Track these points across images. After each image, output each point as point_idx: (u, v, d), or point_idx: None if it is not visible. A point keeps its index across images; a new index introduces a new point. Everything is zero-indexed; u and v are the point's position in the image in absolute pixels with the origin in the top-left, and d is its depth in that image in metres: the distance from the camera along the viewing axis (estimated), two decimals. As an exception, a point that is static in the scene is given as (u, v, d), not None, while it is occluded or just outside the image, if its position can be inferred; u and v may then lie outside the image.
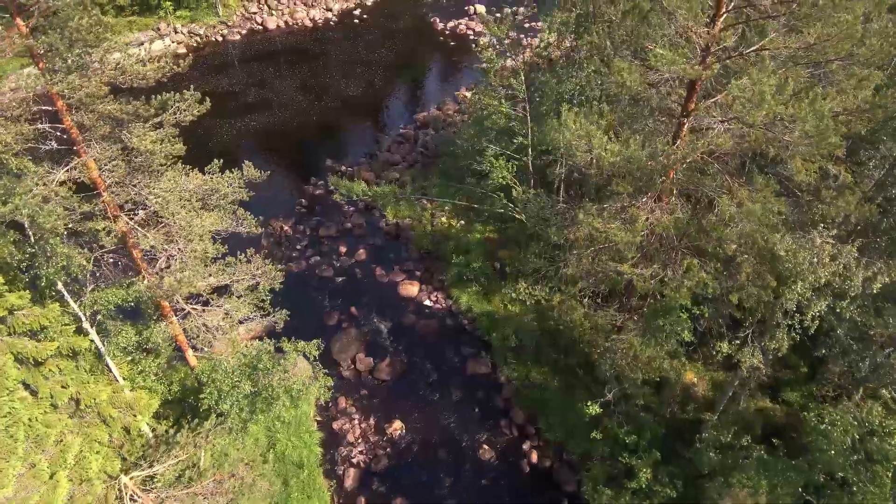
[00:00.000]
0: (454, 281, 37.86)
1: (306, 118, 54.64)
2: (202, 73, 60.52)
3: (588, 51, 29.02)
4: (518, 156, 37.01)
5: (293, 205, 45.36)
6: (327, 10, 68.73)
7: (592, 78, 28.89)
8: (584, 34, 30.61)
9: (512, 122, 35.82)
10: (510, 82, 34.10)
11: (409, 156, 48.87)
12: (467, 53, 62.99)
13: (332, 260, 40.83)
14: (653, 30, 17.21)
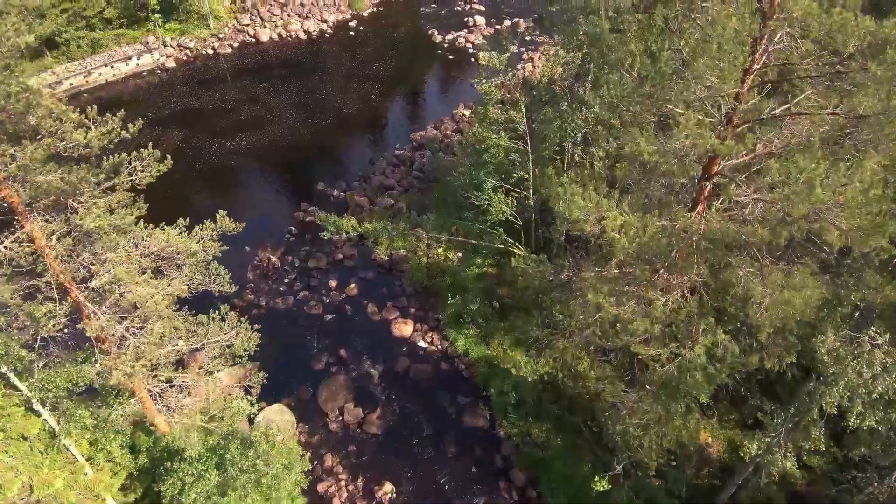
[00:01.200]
0: (451, 320, 35.30)
1: (299, 137, 52.02)
2: (192, 89, 57.92)
3: (597, 102, 26.54)
4: (518, 190, 34.47)
5: (282, 233, 42.81)
6: (322, 22, 66.03)
7: (602, 135, 26.21)
8: (589, 73, 28.07)
9: (512, 154, 33.25)
10: (510, 115, 31.49)
11: (404, 179, 46.27)
12: (466, 67, 60.38)
13: (322, 295, 38.26)
14: (674, 93, 14.72)
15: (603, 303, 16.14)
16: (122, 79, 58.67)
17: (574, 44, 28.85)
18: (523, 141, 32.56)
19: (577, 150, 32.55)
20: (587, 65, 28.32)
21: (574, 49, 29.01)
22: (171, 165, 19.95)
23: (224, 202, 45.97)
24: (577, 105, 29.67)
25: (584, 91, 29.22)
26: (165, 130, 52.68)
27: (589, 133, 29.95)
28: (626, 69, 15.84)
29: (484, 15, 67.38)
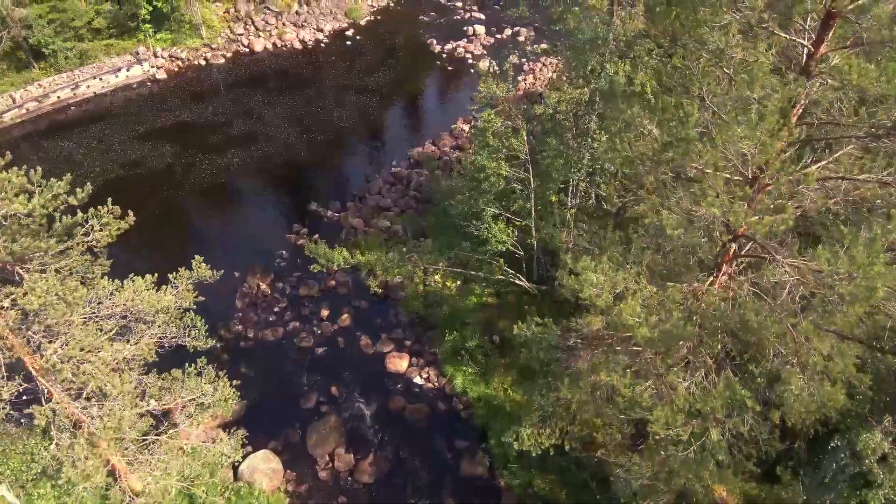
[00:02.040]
0: (448, 355, 33.27)
1: (293, 153, 49.90)
2: (183, 101, 55.79)
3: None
4: (520, 219, 32.41)
5: (273, 257, 40.73)
6: (318, 31, 63.86)
7: (612, 190, 24.02)
8: (594, 105, 25.90)
9: (513, 182, 31.18)
10: (511, 142, 29.40)
11: (401, 200, 44.17)
12: (465, 79, 58.26)
13: (313, 326, 36.22)
14: (702, 160, 12.67)
15: (617, 385, 14.16)
16: (111, 91, 56.51)
17: (580, 74, 26.69)
18: (525, 169, 30.52)
19: (582, 183, 30.38)
20: (595, 99, 26.17)
21: (580, 81, 26.82)
22: (132, 222, 17.75)
23: (214, 224, 44.11)
24: (582, 140, 27.54)
25: (589, 122, 27.07)
26: (155, 146, 50.58)
27: (596, 171, 27.91)
28: (645, 130, 13.87)
29: (484, 24, 65.20)
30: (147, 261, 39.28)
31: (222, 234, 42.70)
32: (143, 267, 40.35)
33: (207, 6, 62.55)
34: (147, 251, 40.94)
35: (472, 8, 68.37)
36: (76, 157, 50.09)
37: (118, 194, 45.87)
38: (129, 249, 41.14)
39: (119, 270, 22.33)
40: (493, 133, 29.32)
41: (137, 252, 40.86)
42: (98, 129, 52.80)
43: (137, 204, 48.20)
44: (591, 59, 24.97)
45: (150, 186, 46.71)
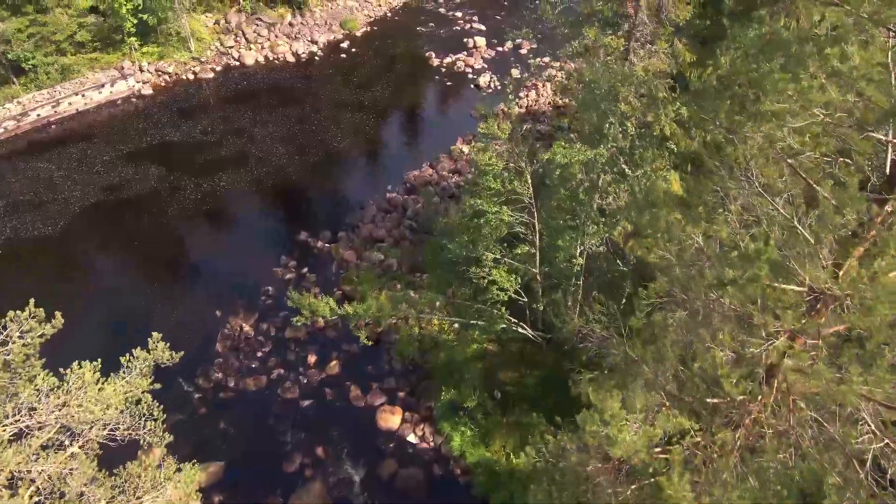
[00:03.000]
0: (445, 411, 30.11)
1: (284, 176, 46.68)
2: (170, 119, 52.57)
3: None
4: (524, 264, 29.13)
5: (258, 293, 37.55)
6: (312, 43, 60.57)
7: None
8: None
9: (515, 226, 27.92)
10: (514, 185, 26.12)
11: (395, 230, 40.93)
12: (464, 95, 55.00)
13: (299, 373, 33.09)
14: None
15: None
16: (94, 108, 53.32)
17: (596, 131, 23.20)
18: (529, 212, 27.25)
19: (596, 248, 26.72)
20: (618, 163, 22.73)
21: (596, 141, 23.26)
22: (61, 325, 14.58)
23: (197, 256, 40.91)
24: (597, 214, 23.89)
25: (606, 181, 23.50)
26: (139, 168, 47.42)
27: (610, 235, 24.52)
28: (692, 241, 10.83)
29: (484, 35, 61.86)
30: (119, 304, 36.27)
31: (206, 268, 39.55)
32: (112, 314, 37.93)
33: (197, 17, 59.35)
34: (123, 289, 37.87)
35: (473, 18, 65.04)
36: (55, 179, 46.95)
37: (96, 223, 43.60)
38: (101, 287, 38.15)
39: (82, 322, 19.12)
40: (494, 176, 26.03)
41: (111, 290, 37.79)
42: (79, 149, 49.65)
43: (116, 233, 45.79)
44: (608, 110, 21.55)
45: (131, 213, 43.59)
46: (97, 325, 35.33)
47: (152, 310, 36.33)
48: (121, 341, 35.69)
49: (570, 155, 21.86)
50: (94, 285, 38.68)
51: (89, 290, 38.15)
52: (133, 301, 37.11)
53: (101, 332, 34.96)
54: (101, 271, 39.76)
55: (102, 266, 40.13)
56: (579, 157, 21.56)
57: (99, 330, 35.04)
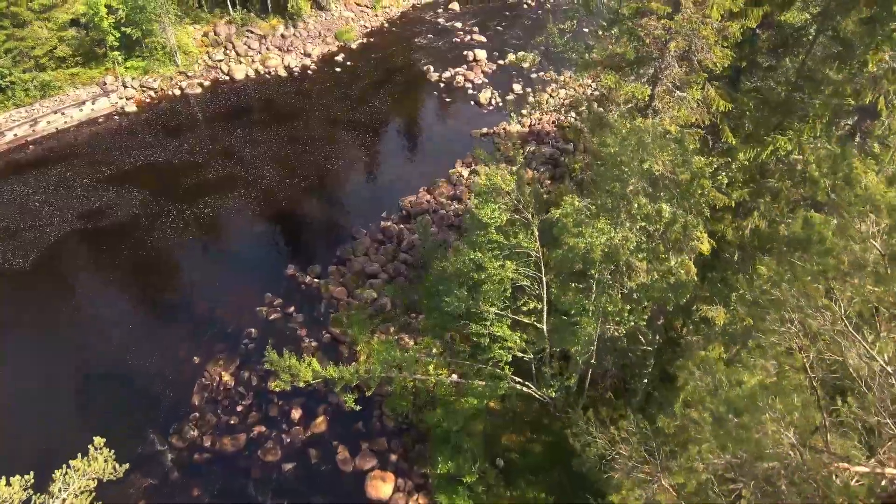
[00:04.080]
0: (442, 482, 26.68)
1: (273, 203, 43.20)
2: (155, 137, 49.10)
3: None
4: (529, 320, 25.59)
5: (240, 336, 34.12)
6: (305, 56, 57.03)
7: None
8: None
9: (522, 282, 24.38)
10: (518, 239, 22.60)
11: (389, 264, 37.44)
12: (464, 113, 51.47)
13: (282, 431, 29.69)
14: None
15: None
16: (74, 126, 49.85)
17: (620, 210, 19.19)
18: (536, 267, 23.73)
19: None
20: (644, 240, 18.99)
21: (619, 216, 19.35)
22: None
23: (176, 292, 37.45)
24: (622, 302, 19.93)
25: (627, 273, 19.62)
26: (121, 192, 43.98)
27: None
28: None
29: (485, 48, 58.26)
30: (89, 350, 32.66)
31: (185, 308, 36.06)
32: (81, 362, 34.17)
33: (185, 29, 55.83)
34: (94, 332, 34.41)
35: (473, 29, 61.40)
36: (32, 204, 43.54)
37: (72, 255, 40.03)
38: (70, 331, 34.68)
39: (45, 374, 15.74)
40: (497, 229, 22.49)
41: (81, 333, 34.33)
42: (59, 170, 46.23)
43: (92, 267, 40.88)
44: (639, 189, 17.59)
45: (109, 244, 40.18)
46: (64, 376, 32.03)
47: (125, 356, 32.99)
48: (86, 401, 32.59)
49: (590, 237, 17.87)
50: (62, 328, 35.20)
51: (57, 334, 34.71)
52: (105, 346, 33.74)
53: (68, 386, 31.69)
54: (73, 311, 36.24)
55: (75, 305, 36.58)
56: (600, 240, 17.59)
57: (65, 383, 31.77)
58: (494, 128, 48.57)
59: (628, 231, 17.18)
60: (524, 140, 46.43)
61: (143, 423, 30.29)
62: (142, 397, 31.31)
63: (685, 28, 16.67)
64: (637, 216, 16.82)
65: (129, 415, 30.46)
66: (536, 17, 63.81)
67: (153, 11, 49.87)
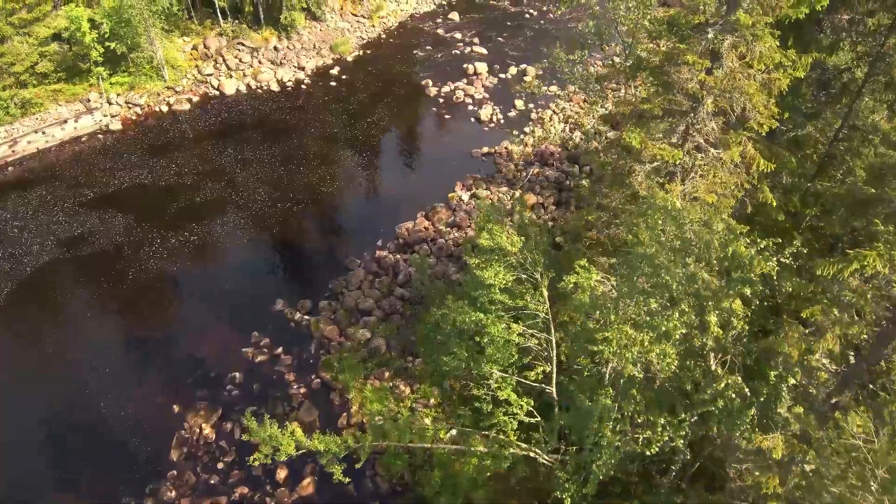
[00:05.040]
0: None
1: (264, 229, 40.34)
2: (141, 157, 46.22)
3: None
4: (537, 383, 22.71)
5: (223, 382, 31.28)
6: (299, 69, 54.08)
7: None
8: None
9: (528, 343, 21.51)
10: (525, 301, 19.74)
11: (385, 299, 34.57)
12: (464, 130, 48.58)
13: (266, 493, 26.91)
14: None
15: None
16: (56, 146, 46.95)
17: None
18: (545, 328, 20.88)
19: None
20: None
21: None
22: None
23: (155, 332, 34.40)
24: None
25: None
26: (104, 217, 41.14)
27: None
28: None
29: (486, 60, 55.29)
30: (60, 397, 29.47)
31: (165, 349, 33.21)
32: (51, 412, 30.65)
33: (173, 41, 52.91)
34: (67, 376, 31.54)
35: (473, 40, 58.39)
36: (10, 231, 40.71)
37: (49, 287, 36.99)
38: (42, 375, 31.79)
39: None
40: (501, 289, 19.61)
41: (53, 378, 31.43)
42: (39, 194, 43.36)
43: (70, 301, 36.73)
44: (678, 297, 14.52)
45: (90, 274, 37.42)
46: (32, 427, 29.24)
47: (100, 404, 30.24)
48: (56, 455, 29.30)
49: (617, 343, 14.63)
50: (32, 371, 32.30)
51: (26, 378, 31.84)
52: (79, 392, 30.95)
53: (36, 439, 28.91)
54: (46, 353, 33.29)
55: (48, 346, 33.55)
56: (632, 353, 14.33)
57: (33, 435, 28.97)
58: (496, 147, 45.67)
59: (667, 346, 14.14)
60: (527, 161, 43.51)
61: (118, 481, 27.52)
62: (117, 451, 28.52)
63: (727, 86, 13.85)
64: (678, 328, 13.79)
65: (103, 472, 27.70)
66: (539, 27, 60.81)
67: (139, 25, 46.91)
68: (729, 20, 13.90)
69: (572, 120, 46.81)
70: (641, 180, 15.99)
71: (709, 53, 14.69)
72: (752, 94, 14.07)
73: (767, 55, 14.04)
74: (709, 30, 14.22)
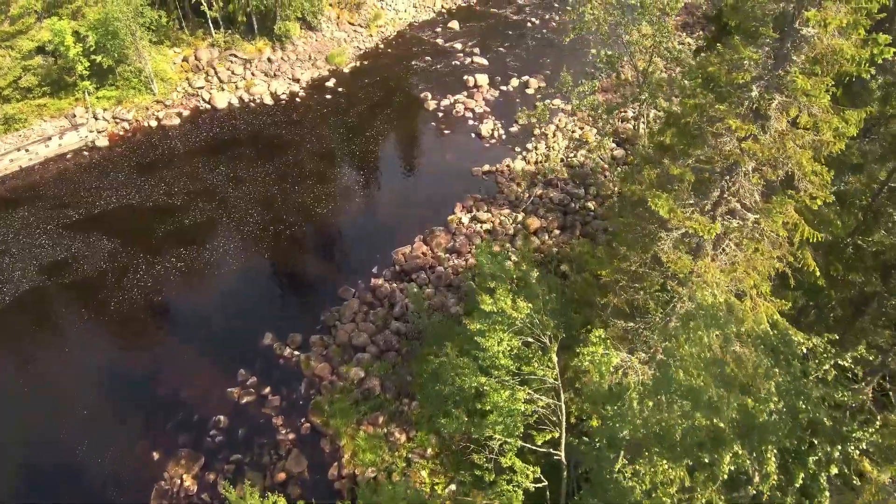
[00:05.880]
0: None
1: (255, 254, 38.03)
2: (128, 176, 43.90)
3: None
4: (545, 448, 20.41)
5: (206, 425, 29.02)
6: (293, 81, 51.65)
7: None
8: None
9: (536, 407, 19.20)
10: (532, 367, 17.39)
11: (380, 334, 32.26)
12: (464, 145, 46.14)
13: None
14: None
15: None
16: (40, 163, 44.64)
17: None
18: (554, 394, 18.56)
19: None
20: None
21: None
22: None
23: (136, 369, 32.05)
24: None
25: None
26: (89, 240, 38.87)
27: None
28: None
29: (486, 71, 52.78)
30: (34, 442, 27.03)
31: (147, 387, 30.97)
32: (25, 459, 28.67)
33: (163, 52, 50.50)
34: (41, 420, 29.23)
35: (474, 50, 55.88)
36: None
37: (28, 318, 34.61)
38: (19, 407, 29.55)
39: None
40: (506, 353, 17.27)
41: (26, 421, 29.10)
42: (22, 215, 41.07)
43: (49, 333, 33.85)
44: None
45: (71, 304, 35.33)
46: (1, 476, 26.95)
47: (76, 451, 28.05)
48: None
49: (649, 476, 11.98)
50: (4, 411, 30.08)
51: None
52: (53, 438, 28.75)
53: (6, 490, 26.58)
54: (21, 393, 31.06)
55: (23, 385, 31.33)
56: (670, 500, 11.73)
57: (3, 487, 26.66)
58: (497, 165, 43.25)
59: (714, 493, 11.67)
60: (530, 180, 41.07)
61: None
62: (91, 506, 26.30)
63: (774, 153, 11.50)
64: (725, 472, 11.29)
65: (75, 529, 25.48)
66: (542, 36, 58.30)
67: (126, 37, 44.47)
68: (777, 77, 11.56)
69: (577, 136, 44.35)
70: (668, 250, 13.62)
71: (751, 113, 12.34)
72: (804, 164, 11.76)
73: (823, 118, 11.72)
74: (753, 87, 11.90)
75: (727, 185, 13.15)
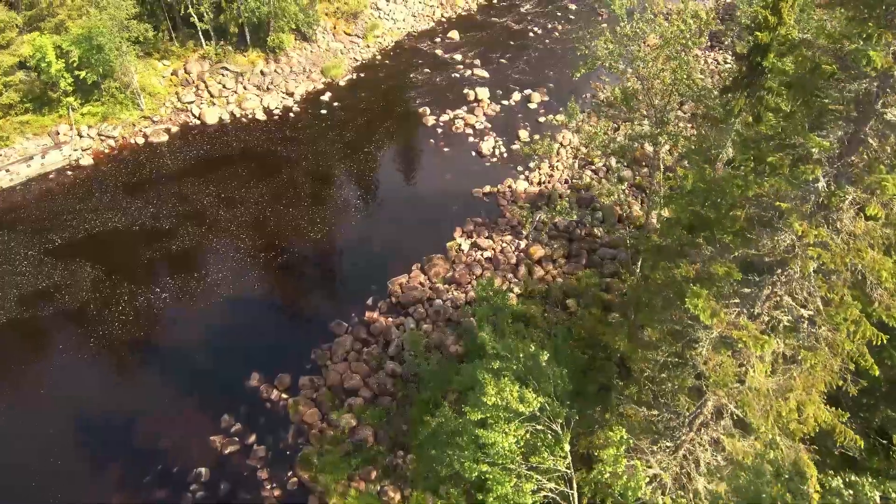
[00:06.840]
0: None
1: (244, 285, 35.64)
2: (113, 197, 41.50)
3: None
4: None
5: (185, 479, 26.60)
6: (287, 95, 49.14)
7: None
8: None
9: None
10: (542, 457, 14.91)
11: (373, 375, 29.84)
12: (463, 164, 43.60)
13: None
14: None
15: None
16: (22, 184, 42.20)
17: None
18: (566, 481, 16.06)
19: None
20: None
21: None
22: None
23: (113, 414, 29.48)
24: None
25: None
26: (70, 268, 36.52)
27: None
28: None
29: (487, 84, 50.22)
30: None
31: (124, 435, 28.59)
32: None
33: (152, 65, 48.01)
34: (9, 466, 26.75)
35: (474, 62, 53.28)
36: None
37: (2, 355, 32.35)
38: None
39: None
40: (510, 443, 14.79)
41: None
42: (2, 240, 38.58)
43: (22, 373, 30.85)
44: None
45: (48, 340, 33.08)
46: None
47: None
48: None
49: None
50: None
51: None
52: (19, 490, 26.24)
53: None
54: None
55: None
56: None
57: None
58: (498, 186, 40.76)
59: None
60: (533, 203, 38.55)
61: None
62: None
63: (843, 254, 9.10)
64: None
65: None
66: (544, 46, 55.68)
67: (111, 52, 41.95)
68: (848, 164, 9.20)
69: (581, 155, 41.83)
70: (706, 355, 11.18)
71: (815, 206, 9.96)
72: (880, 269, 9.40)
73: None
74: (821, 177, 9.54)
75: (780, 281, 10.73)
